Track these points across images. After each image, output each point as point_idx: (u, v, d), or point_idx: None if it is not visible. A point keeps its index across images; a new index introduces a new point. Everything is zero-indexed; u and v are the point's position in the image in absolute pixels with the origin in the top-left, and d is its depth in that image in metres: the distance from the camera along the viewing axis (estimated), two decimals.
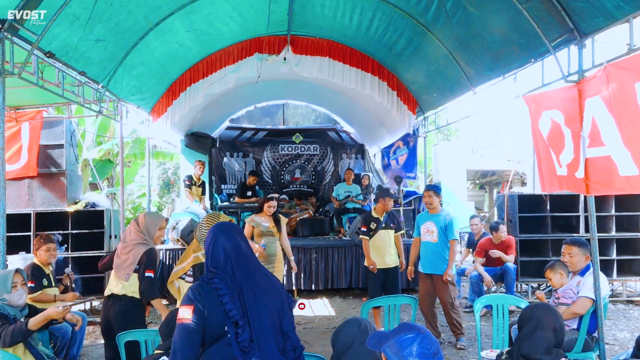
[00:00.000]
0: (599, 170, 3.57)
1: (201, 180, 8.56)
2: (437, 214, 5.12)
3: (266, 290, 2.07)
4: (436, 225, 5.06)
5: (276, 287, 2.15)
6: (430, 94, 7.30)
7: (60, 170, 6.72)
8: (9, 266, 4.82)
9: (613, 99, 3.39)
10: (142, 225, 3.47)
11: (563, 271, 3.84)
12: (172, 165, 18.20)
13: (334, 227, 9.23)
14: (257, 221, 5.31)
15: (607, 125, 3.46)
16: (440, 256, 5.06)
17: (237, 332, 1.92)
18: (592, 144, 3.61)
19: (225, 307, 1.94)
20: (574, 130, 3.80)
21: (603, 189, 3.70)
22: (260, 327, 1.96)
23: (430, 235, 5.10)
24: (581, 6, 3.74)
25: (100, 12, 4.49)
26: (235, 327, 1.93)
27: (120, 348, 3.05)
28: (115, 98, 6.11)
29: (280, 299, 2.10)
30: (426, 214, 5.29)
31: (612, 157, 3.43)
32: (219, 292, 1.96)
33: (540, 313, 2.38)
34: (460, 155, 10.95)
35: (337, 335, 2.01)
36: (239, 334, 1.92)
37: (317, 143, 11.90)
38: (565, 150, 3.92)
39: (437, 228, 5.05)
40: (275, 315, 2.04)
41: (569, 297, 3.77)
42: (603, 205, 6.96)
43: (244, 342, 1.91)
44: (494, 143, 25.71)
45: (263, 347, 1.93)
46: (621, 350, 4.85)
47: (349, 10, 6.25)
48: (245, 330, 1.93)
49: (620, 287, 7.33)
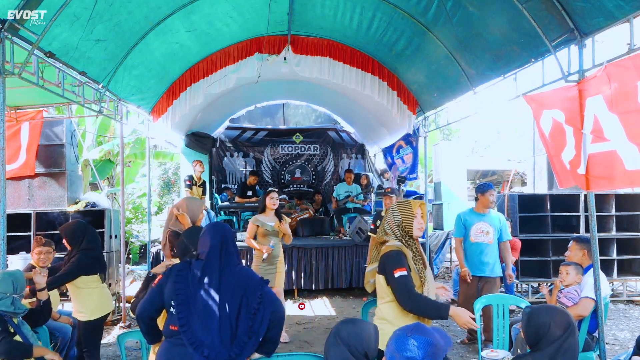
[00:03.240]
0: (603, 165, 3.55)
1: (202, 180, 8.58)
2: (488, 214, 4.96)
3: (228, 285, 2.31)
4: (491, 225, 4.91)
5: (240, 283, 2.35)
6: (431, 93, 7.29)
7: (60, 170, 6.72)
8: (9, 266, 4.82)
9: (615, 98, 3.40)
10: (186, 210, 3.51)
11: (579, 273, 3.83)
12: (173, 166, 18.22)
13: (334, 227, 9.23)
14: (262, 220, 5.20)
15: (610, 122, 3.46)
16: (496, 257, 4.94)
17: (178, 309, 2.25)
18: (596, 139, 3.59)
19: (175, 285, 2.30)
20: (575, 128, 3.80)
21: (605, 184, 3.68)
22: (203, 312, 2.24)
23: (485, 236, 4.92)
24: (581, 6, 3.73)
25: (100, 12, 4.49)
26: (177, 305, 2.26)
27: (120, 348, 3.06)
28: (116, 98, 6.11)
29: (242, 294, 2.32)
30: (474, 214, 5.05)
31: (617, 152, 3.42)
32: (179, 274, 2.33)
33: (560, 319, 2.29)
34: (461, 155, 10.94)
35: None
36: (179, 311, 2.24)
37: (318, 143, 11.90)
38: (567, 147, 3.92)
39: (493, 228, 4.90)
40: (232, 306, 2.28)
41: (570, 298, 3.77)
42: (603, 205, 6.96)
43: (182, 320, 2.22)
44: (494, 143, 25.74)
45: (195, 328, 2.21)
46: (621, 350, 4.86)
47: (349, 10, 6.25)
48: (182, 309, 2.24)
49: (621, 286, 7.34)
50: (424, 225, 2.71)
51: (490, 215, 4.98)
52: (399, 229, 2.67)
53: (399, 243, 2.65)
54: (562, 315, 2.33)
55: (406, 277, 2.54)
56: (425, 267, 2.68)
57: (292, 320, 6.29)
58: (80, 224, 3.88)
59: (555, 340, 2.25)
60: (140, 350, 3.17)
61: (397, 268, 2.56)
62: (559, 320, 2.29)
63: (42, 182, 6.68)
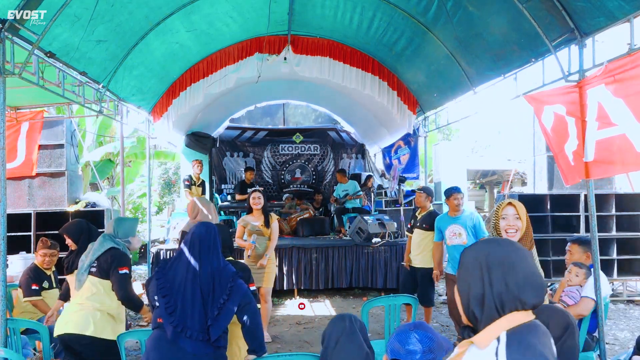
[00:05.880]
0: (612, 150, 3.49)
1: (201, 180, 8.58)
2: (459, 216, 5.01)
3: (204, 275, 2.55)
4: (463, 226, 4.96)
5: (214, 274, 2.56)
6: (431, 93, 7.29)
7: (60, 170, 6.72)
8: (10, 266, 4.81)
9: (618, 86, 3.37)
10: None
11: (587, 278, 3.81)
12: (173, 165, 18.22)
13: (334, 227, 9.23)
14: (247, 220, 5.31)
15: (616, 107, 3.41)
16: None
17: (165, 301, 2.48)
18: (602, 126, 3.54)
19: (157, 281, 2.54)
20: (577, 118, 3.77)
21: (615, 169, 3.60)
22: (183, 301, 2.48)
23: (458, 238, 4.98)
24: (582, 6, 3.74)
25: (102, 13, 4.49)
26: (162, 297, 2.49)
27: (120, 348, 3.05)
28: (116, 98, 6.11)
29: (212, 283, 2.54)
30: (447, 217, 5.13)
31: (627, 136, 3.37)
32: (160, 268, 2.60)
33: (560, 319, 2.26)
34: (461, 155, 10.94)
35: (325, 332, 2.13)
36: (166, 303, 2.47)
37: (318, 143, 11.90)
38: (570, 138, 3.89)
39: (465, 229, 4.95)
40: (205, 295, 2.50)
41: (572, 297, 3.76)
42: (603, 205, 6.96)
43: (169, 309, 2.45)
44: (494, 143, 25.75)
45: (182, 315, 2.45)
46: (621, 350, 4.85)
47: (349, 10, 6.25)
48: (170, 302, 2.47)
49: (621, 286, 7.33)
50: (513, 226, 2.71)
51: (462, 217, 5.00)
52: (494, 230, 2.76)
53: None
54: (561, 315, 2.33)
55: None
56: None
57: (292, 320, 6.29)
58: (80, 222, 3.89)
59: (555, 341, 2.24)
60: (140, 350, 3.17)
61: None
62: (559, 320, 2.29)
63: (42, 182, 6.69)
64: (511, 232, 2.70)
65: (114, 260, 3.20)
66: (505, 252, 1.29)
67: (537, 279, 1.26)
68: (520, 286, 1.23)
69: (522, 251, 1.31)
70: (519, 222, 2.72)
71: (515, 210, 2.73)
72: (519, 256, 1.28)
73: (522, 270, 1.25)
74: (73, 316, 3.14)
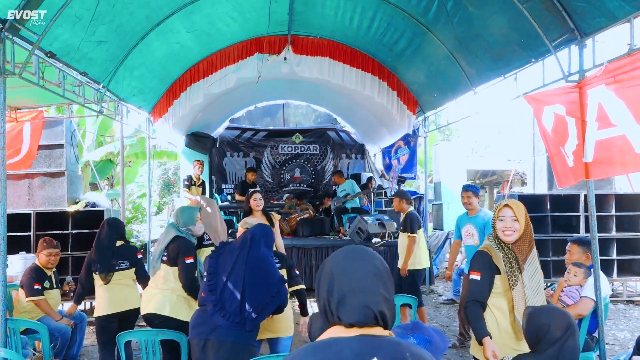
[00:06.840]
0: (612, 151, 3.50)
1: (201, 180, 8.57)
2: (476, 215, 4.98)
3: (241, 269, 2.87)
4: (476, 227, 4.94)
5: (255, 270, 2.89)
6: (431, 94, 7.29)
7: (60, 170, 6.71)
8: (10, 266, 4.82)
9: (619, 87, 3.37)
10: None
11: (586, 277, 3.80)
12: (173, 166, 18.22)
13: (334, 227, 9.22)
14: (247, 222, 5.25)
15: (616, 108, 3.42)
16: None
17: (209, 279, 2.87)
18: (602, 126, 3.55)
19: (210, 259, 2.96)
20: (577, 118, 3.77)
21: (614, 170, 3.61)
22: (225, 284, 2.82)
23: (471, 238, 4.97)
24: (582, 6, 3.74)
25: (102, 14, 4.49)
26: (208, 276, 2.88)
27: (120, 348, 3.05)
28: (116, 98, 6.11)
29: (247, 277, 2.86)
30: (465, 216, 5.11)
31: (627, 136, 3.37)
32: (217, 248, 3.04)
33: (561, 319, 2.28)
34: (461, 155, 10.95)
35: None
36: (209, 281, 2.86)
37: (317, 143, 11.90)
38: (569, 138, 3.89)
39: (477, 230, 4.93)
40: (245, 286, 2.80)
41: (571, 297, 3.76)
42: (603, 205, 6.96)
43: (211, 286, 2.83)
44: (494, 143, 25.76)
45: (222, 296, 2.78)
46: (621, 350, 4.85)
47: (349, 10, 6.25)
48: (213, 280, 2.85)
49: (621, 287, 7.33)
50: (509, 227, 2.69)
51: (478, 217, 4.98)
52: (494, 230, 2.77)
53: (489, 243, 2.73)
54: (562, 316, 2.33)
55: (475, 282, 2.64)
56: (521, 271, 2.65)
57: (292, 321, 6.27)
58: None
59: (556, 342, 2.24)
60: (140, 350, 3.17)
61: (472, 270, 2.68)
62: (559, 321, 2.28)
63: (42, 182, 6.68)
64: (508, 234, 2.69)
65: (180, 250, 3.50)
66: (341, 266, 1.21)
67: (357, 298, 1.15)
68: (339, 301, 1.16)
69: (363, 266, 1.22)
70: (516, 224, 2.70)
71: (513, 211, 2.71)
72: (352, 271, 1.20)
73: (347, 285, 1.17)
74: (153, 298, 3.49)
